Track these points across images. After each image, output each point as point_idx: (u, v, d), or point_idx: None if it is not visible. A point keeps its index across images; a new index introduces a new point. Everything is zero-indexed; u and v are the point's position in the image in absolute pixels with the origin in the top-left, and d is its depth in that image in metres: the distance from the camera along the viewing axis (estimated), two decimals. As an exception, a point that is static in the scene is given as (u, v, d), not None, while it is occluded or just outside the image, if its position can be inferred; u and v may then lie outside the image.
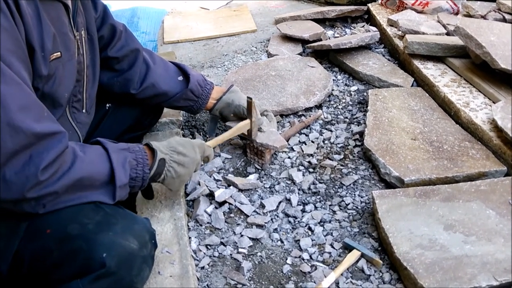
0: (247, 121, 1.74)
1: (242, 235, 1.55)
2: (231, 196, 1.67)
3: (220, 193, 1.66)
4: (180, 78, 1.73)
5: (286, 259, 1.47)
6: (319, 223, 1.59)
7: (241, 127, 1.73)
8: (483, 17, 2.52)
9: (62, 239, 1.09)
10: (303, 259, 1.47)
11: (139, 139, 1.88)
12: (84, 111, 1.43)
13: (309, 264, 1.45)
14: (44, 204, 1.08)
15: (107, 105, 1.69)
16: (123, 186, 1.21)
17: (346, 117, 2.14)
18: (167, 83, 1.70)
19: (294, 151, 1.94)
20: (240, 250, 1.50)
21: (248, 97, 1.69)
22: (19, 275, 1.12)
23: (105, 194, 1.18)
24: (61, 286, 1.06)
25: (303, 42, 2.78)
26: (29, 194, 1.03)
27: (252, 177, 1.78)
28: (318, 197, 1.70)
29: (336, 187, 1.74)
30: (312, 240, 1.53)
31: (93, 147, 1.21)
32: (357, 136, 1.98)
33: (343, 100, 2.26)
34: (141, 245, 1.14)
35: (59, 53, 1.20)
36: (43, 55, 1.13)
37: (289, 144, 1.97)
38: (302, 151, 1.94)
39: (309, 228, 1.58)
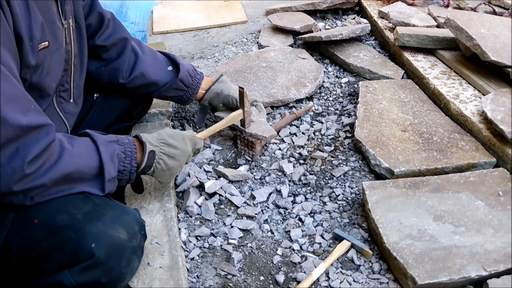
0: (240, 111, 1.72)
1: (232, 226, 1.55)
2: (221, 188, 1.66)
3: (210, 185, 1.65)
4: (170, 68, 1.71)
5: (277, 250, 1.47)
6: (309, 214, 1.59)
7: (233, 117, 1.71)
8: (474, 9, 2.53)
9: (50, 229, 1.07)
10: (294, 250, 1.47)
11: (127, 130, 1.85)
12: (71, 101, 1.41)
13: (299, 255, 1.45)
14: (32, 196, 1.07)
15: (95, 95, 1.66)
16: (112, 180, 1.20)
17: (337, 109, 2.14)
18: (157, 73, 1.68)
19: (285, 142, 1.94)
20: (230, 241, 1.50)
21: (240, 87, 1.67)
22: (7, 266, 1.11)
23: (94, 186, 1.17)
24: (50, 276, 1.05)
25: (294, 33, 2.77)
26: (16, 187, 1.01)
27: (243, 169, 1.77)
28: (309, 188, 1.70)
29: (327, 178, 1.74)
30: (303, 231, 1.53)
31: (81, 139, 1.19)
32: (348, 128, 1.98)
33: (334, 92, 2.26)
34: (130, 235, 1.14)
35: (47, 42, 1.18)
36: (31, 45, 1.11)
37: (279, 136, 1.96)
38: (293, 142, 1.93)
39: (300, 219, 1.58)
